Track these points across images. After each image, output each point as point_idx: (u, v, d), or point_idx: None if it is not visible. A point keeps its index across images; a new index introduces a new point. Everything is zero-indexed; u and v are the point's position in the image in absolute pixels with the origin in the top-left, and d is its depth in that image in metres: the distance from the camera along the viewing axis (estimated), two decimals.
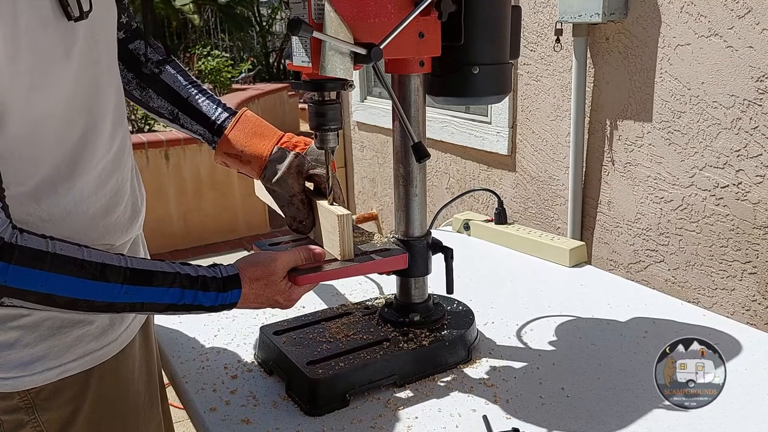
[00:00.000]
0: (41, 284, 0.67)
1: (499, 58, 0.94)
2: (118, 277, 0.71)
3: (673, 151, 1.88)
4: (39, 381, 0.73)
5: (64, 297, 0.68)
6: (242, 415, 0.88)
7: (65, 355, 0.74)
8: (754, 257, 1.73)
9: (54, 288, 0.68)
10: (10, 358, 0.70)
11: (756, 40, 1.62)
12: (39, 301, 0.68)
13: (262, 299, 0.84)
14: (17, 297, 0.66)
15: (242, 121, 0.96)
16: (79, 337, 0.75)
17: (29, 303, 0.67)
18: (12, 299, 0.66)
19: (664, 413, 0.86)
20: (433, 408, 0.89)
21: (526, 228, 1.50)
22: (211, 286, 0.78)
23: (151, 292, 0.74)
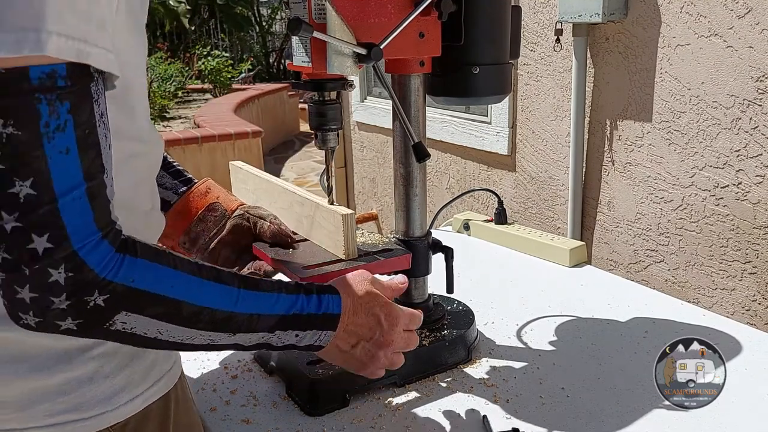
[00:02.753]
0: (171, 284, 0.58)
1: (499, 58, 0.94)
2: (233, 280, 0.63)
3: (673, 151, 1.88)
4: (124, 414, 0.63)
5: (190, 305, 0.59)
6: (242, 415, 0.88)
7: (145, 381, 0.65)
8: (754, 257, 1.73)
9: (184, 292, 0.58)
10: (91, 395, 0.61)
11: (756, 40, 1.62)
12: (161, 316, 0.57)
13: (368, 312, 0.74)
14: (132, 304, 0.56)
15: None
16: (153, 360, 0.67)
17: (141, 328, 0.57)
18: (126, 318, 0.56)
19: (664, 413, 0.86)
20: (433, 408, 0.89)
21: (526, 228, 1.50)
22: (310, 289, 0.70)
23: (264, 299, 0.65)
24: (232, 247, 0.93)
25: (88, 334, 0.57)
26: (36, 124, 0.48)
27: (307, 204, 0.95)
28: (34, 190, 0.49)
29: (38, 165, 0.49)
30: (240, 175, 1.11)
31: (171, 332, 0.60)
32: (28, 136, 0.48)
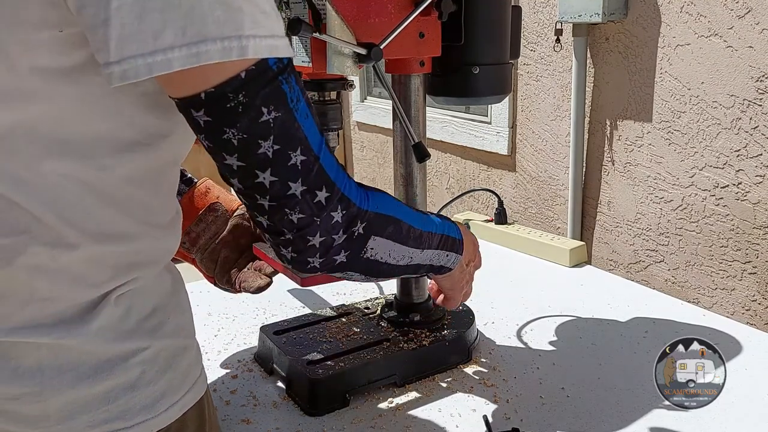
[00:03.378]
0: (394, 207, 0.70)
1: (499, 58, 0.94)
2: None
3: (673, 151, 1.88)
4: (165, 420, 0.63)
5: (405, 224, 0.71)
6: (242, 415, 0.88)
7: (182, 387, 0.65)
8: (754, 257, 1.74)
9: (401, 212, 0.70)
10: (134, 402, 0.60)
11: (756, 40, 1.62)
12: (391, 235, 0.70)
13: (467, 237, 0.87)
14: (378, 227, 0.67)
15: None
16: (188, 365, 0.67)
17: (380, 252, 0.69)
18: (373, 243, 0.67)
19: (664, 413, 0.86)
20: (433, 408, 0.89)
21: (526, 228, 1.50)
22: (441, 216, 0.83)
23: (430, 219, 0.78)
24: (232, 247, 0.93)
25: (349, 265, 0.68)
26: (285, 103, 0.55)
27: None
28: (303, 155, 0.58)
29: (299, 134, 0.57)
30: None
31: (396, 252, 0.72)
32: (285, 115, 0.55)
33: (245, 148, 0.55)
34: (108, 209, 0.57)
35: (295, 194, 0.59)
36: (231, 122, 0.53)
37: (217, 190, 0.95)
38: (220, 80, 0.51)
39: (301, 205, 0.59)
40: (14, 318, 0.55)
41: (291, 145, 0.57)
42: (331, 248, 0.64)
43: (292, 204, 0.59)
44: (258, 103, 0.53)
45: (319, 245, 0.63)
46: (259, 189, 0.58)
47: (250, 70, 0.51)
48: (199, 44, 0.47)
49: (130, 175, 0.58)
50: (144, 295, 0.61)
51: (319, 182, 0.60)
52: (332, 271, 0.68)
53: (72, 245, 0.55)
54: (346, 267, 0.68)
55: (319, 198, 0.61)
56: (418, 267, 0.78)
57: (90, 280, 0.57)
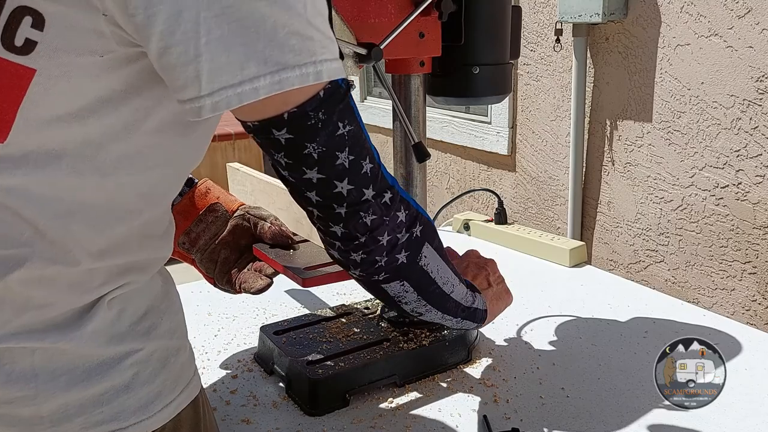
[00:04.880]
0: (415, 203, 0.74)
1: (499, 59, 0.94)
2: None
3: (673, 151, 1.88)
4: (160, 421, 0.63)
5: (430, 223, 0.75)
6: (242, 415, 0.88)
7: (176, 387, 0.66)
8: (754, 257, 1.74)
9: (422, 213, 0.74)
10: (128, 403, 0.61)
11: (756, 40, 1.62)
12: (438, 249, 0.75)
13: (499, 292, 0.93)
14: (429, 234, 0.73)
15: None
16: (181, 365, 0.67)
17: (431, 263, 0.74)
18: (426, 251, 0.72)
19: (664, 413, 0.86)
20: (433, 408, 0.89)
21: (526, 228, 1.50)
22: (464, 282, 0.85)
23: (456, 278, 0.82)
24: (231, 248, 0.93)
25: (408, 269, 0.72)
26: (355, 116, 0.61)
27: None
28: (371, 163, 0.63)
29: (367, 145, 0.63)
30: (237, 177, 1.11)
31: (442, 271, 0.77)
32: (356, 127, 0.61)
33: (324, 161, 0.59)
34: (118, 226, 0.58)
35: (368, 199, 0.64)
36: (311, 138, 0.57)
37: (218, 190, 0.95)
38: (300, 101, 0.55)
39: (374, 207, 0.65)
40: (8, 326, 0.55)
41: (362, 155, 0.62)
42: (395, 246, 0.69)
43: (365, 208, 0.64)
44: (335, 118, 0.58)
45: (386, 243, 0.68)
46: (337, 198, 0.62)
47: (327, 89, 0.56)
48: (280, 72, 0.51)
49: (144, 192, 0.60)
50: (136, 297, 0.62)
51: (384, 186, 0.66)
52: (394, 274, 0.72)
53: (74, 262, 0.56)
54: (404, 271, 0.72)
55: (386, 199, 0.66)
56: (457, 306, 0.82)
57: (85, 287, 0.58)
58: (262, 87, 0.51)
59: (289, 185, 0.64)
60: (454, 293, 0.81)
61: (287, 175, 0.62)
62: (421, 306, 0.78)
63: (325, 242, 0.69)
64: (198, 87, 0.50)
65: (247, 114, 0.56)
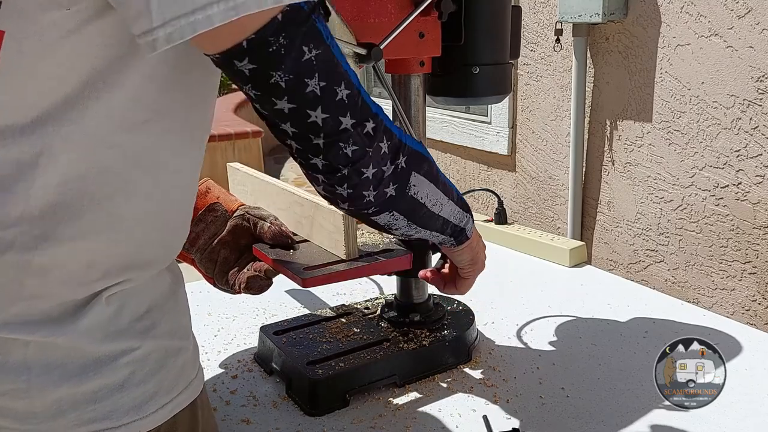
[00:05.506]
0: (423, 150, 0.72)
1: (499, 58, 0.94)
2: None
3: (673, 151, 1.88)
4: (154, 422, 0.62)
5: (440, 173, 0.75)
6: (242, 415, 0.88)
7: (174, 388, 0.65)
8: (754, 257, 1.74)
9: (431, 157, 0.73)
10: (122, 402, 0.60)
11: (756, 40, 1.62)
12: (427, 174, 0.72)
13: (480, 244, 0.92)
14: (416, 163, 0.70)
15: None
16: (181, 367, 0.66)
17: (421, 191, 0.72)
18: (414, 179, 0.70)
19: (664, 413, 0.86)
20: (433, 408, 0.89)
21: (526, 228, 1.50)
22: None
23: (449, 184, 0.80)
24: (231, 248, 0.93)
25: (397, 201, 0.70)
26: (323, 40, 0.57)
27: (307, 204, 0.95)
28: (348, 89, 0.59)
29: (340, 70, 0.59)
30: (238, 177, 1.11)
31: (431, 195, 0.75)
32: (325, 51, 0.57)
33: (293, 89, 0.56)
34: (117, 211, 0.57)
35: (347, 128, 0.61)
36: (276, 65, 0.54)
37: (218, 190, 0.95)
38: (258, 26, 0.52)
39: (354, 137, 0.62)
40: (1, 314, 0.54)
41: (335, 81, 0.58)
42: (382, 179, 0.67)
43: (345, 138, 0.61)
44: (298, 42, 0.54)
45: (372, 177, 0.65)
46: (313, 128, 0.59)
47: (286, 12, 0.53)
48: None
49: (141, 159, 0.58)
50: (139, 295, 0.61)
51: (365, 114, 0.62)
52: (383, 207, 0.70)
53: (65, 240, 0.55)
54: (394, 203, 0.70)
55: (368, 129, 0.63)
56: (445, 224, 0.81)
57: (81, 279, 0.57)
58: (215, 14, 0.48)
59: (264, 118, 0.61)
60: (442, 212, 0.80)
61: (259, 108, 0.59)
62: (411, 230, 0.78)
63: (308, 176, 0.67)
64: (150, 19, 0.48)
65: (207, 45, 0.53)
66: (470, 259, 0.90)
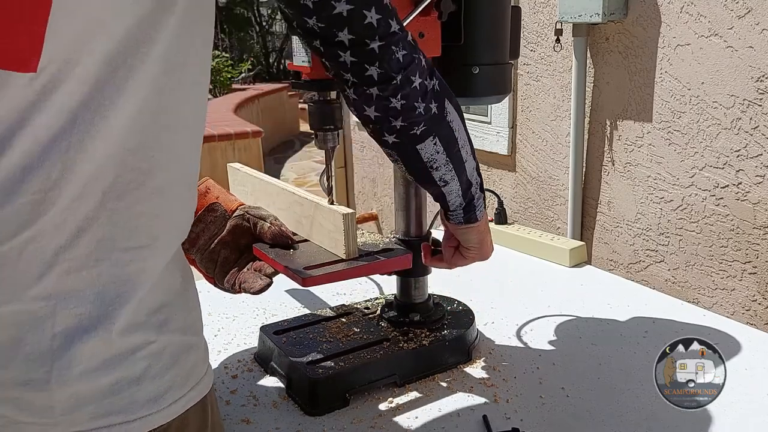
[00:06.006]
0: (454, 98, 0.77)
1: (499, 59, 0.94)
2: None
3: (673, 151, 1.88)
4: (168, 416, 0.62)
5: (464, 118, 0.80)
6: (242, 415, 0.88)
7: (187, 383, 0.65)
8: (754, 257, 1.74)
9: None
10: (139, 395, 0.60)
11: (756, 40, 1.62)
12: (457, 108, 0.78)
13: None
14: (445, 92, 0.76)
15: None
16: (194, 363, 0.66)
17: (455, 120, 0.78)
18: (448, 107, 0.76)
19: (664, 413, 0.86)
20: (433, 408, 0.89)
21: (526, 228, 1.50)
22: None
23: None
24: (231, 248, 0.93)
25: (439, 121, 0.76)
26: None
27: (307, 204, 0.95)
28: (379, 13, 0.65)
29: None
30: (238, 177, 1.11)
31: (462, 133, 0.80)
32: None
33: None
34: None
35: (396, 31, 0.66)
36: None
37: (217, 190, 0.95)
38: None
39: (403, 41, 0.67)
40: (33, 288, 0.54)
41: (367, 4, 0.64)
42: (426, 92, 0.72)
43: (396, 41, 0.66)
44: None
45: (419, 86, 0.70)
46: (369, 30, 0.65)
47: None
48: None
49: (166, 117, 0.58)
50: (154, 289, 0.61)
51: (403, 27, 0.68)
52: (430, 125, 0.75)
53: None
54: (437, 123, 0.75)
55: (410, 38, 0.69)
56: (468, 183, 0.86)
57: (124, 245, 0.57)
58: None
59: (319, 37, 0.66)
60: (468, 162, 0.84)
61: (315, 23, 0.64)
62: (448, 171, 0.82)
63: (357, 104, 0.72)
64: None
65: None
66: (477, 241, 0.93)
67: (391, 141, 0.76)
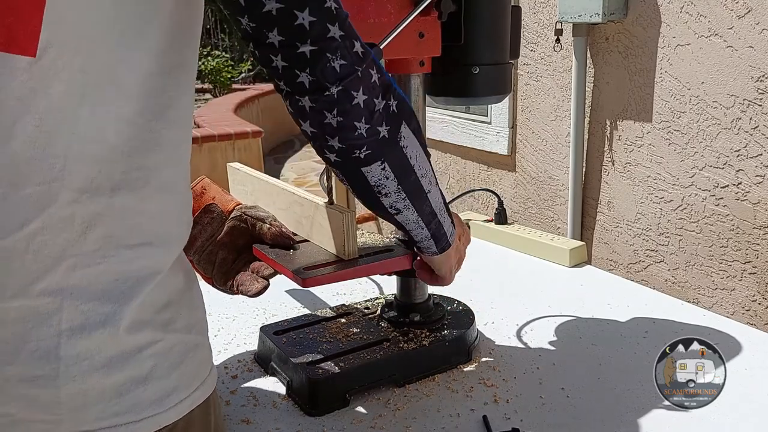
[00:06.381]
0: None
1: (499, 58, 0.94)
2: None
3: (673, 151, 1.88)
4: (173, 416, 0.62)
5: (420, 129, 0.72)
6: (242, 415, 0.88)
7: (192, 383, 0.64)
8: (754, 257, 1.74)
9: None
10: (146, 395, 0.60)
11: (756, 40, 1.62)
12: (416, 132, 0.71)
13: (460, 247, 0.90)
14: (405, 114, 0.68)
15: None
16: (199, 362, 0.66)
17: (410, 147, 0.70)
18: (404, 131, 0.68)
19: (664, 413, 0.86)
20: (433, 408, 0.89)
21: (526, 228, 1.50)
22: None
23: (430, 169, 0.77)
24: (229, 249, 0.93)
25: (390, 146, 0.67)
26: None
27: (307, 204, 0.95)
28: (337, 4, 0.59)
29: None
30: (238, 177, 1.11)
31: (421, 161, 0.73)
32: None
33: None
34: None
35: (335, 37, 0.59)
36: None
37: (213, 190, 0.95)
38: None
39: (342, 50, 0.60)
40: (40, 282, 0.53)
41: None
42: (373, 112, 0.64)
43: (333, 47, 0.59)
44: None
45: (363, 105, 0.62)
46: (300, 33, 0.58)
47: None
48: None
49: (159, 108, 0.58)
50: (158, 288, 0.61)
51: (353, 34, 0.61)
52: (376, 150, 0.67)
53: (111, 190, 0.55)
54: (386, 148, 0.67)
55: (357, 49, 0.61)
56: (431, 215, 0.79)
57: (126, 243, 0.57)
58: None
59: (252, 39, 0.60)
60: (431, 194, 0.77)
61: (247, 23, 0.58)
62: (401, 200, 0.74)
63: (294, 112, 0.64)
64: None
65: None
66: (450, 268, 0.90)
67: (333, 159, 0.68)
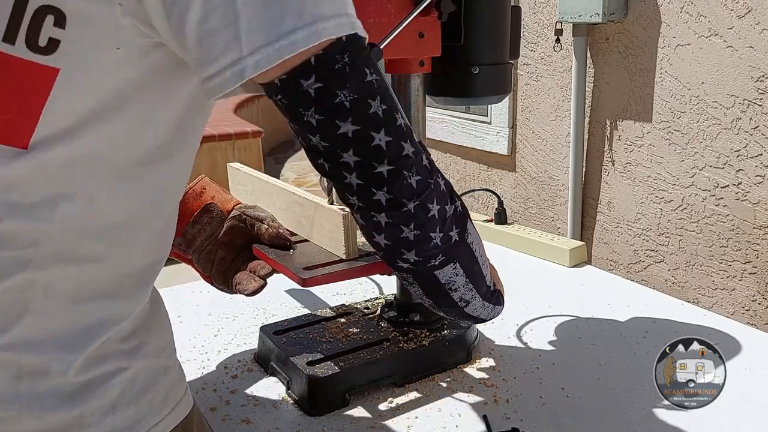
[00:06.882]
0: None
1: (499, 58, 0.94)
2: None
3: (673, 151, 1.88)
4: None
5: None
6: (242, 415, 0.88)
7: (164, 408, 0.63)
8: (754, 257, 1.74)
9: None
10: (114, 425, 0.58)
11: (756, 40, 1.62)
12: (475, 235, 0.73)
13: None
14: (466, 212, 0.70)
15: None
16: (169, 385, 0.64)
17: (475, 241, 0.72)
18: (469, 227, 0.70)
19: (664, 413, 0.86)
20: (433, 408, 0.89)
21: (526, 228, 1.50)
22: None
23: None
24: (228, 248, 0.93)
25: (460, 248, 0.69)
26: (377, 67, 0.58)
27: (307, 204, 0.95)
28: (403, 119, 0.60)
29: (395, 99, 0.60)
30: (238, 177, 1.11)
31: (479, 248, 0.74)
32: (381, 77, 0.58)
33: (358, 109, 0.56)
34: None
35: (409, 155, 0.60)
36: (341, 83, 0.55)
37: (213, 189, 0.95)
38: (324, 46, 0.53)
39: (417, 166, 0.60)
40: (8, 333, 0.54)
41: (394, 106, 0.59)
42: (446, 219, 0.65)
43: (409, 165, 0.60)
44: (360, 63, 0.55)
45: (437, 215, 0.63)
46: (377, 153, 0.58)
47: (349, 36, 0.54)
48: (317, 23, 0.51)
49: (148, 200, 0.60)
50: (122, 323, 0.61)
51: (420, 147, 0.62)
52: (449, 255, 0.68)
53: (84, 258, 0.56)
54: (458, 250, 0.69)
55: (425, 162, 0.62)
56: (488, 291, 0.79)
57: (81, 297, 0.57)
58: (300, 40, 0.51)
59: (323, 155, 0.59)
60: (487, 276, 0.78)
61: (318, 141, 0.57)
62: (468, 291, 0.74)
63: (366, 229, 0.64)
64: (239, 48, 0.50)
65: (276, 70, 0.54)
66: None
67: (406, 267, 0.67)
